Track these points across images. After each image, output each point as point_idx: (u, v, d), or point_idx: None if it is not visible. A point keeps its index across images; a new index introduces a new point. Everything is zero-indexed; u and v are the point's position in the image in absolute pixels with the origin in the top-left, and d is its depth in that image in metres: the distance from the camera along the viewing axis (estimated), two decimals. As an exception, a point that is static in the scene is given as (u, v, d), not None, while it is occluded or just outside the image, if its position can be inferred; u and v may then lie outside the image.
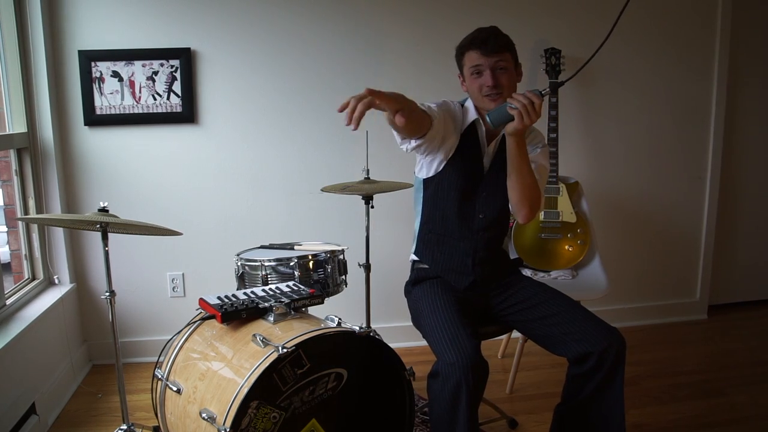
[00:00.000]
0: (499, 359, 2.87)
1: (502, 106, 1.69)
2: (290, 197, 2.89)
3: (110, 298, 1.86)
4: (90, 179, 2.74)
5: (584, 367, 1.74)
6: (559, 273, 2.72)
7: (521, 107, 1.63)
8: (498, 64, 1.81)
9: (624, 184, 3.19)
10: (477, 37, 1.83)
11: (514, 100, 1.64)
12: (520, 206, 1.83)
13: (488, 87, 1.81)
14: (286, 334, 1.61)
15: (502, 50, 1.82)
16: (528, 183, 1.79)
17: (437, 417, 1.64)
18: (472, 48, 1.82)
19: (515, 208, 1.86)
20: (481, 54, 1.81)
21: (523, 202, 1.82)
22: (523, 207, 1.83)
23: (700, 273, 3.38)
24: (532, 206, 1.83)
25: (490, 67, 1.81)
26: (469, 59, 1.84)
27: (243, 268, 2.15)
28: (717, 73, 3.17)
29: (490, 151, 1.92)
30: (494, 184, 1.92)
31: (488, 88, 1.81)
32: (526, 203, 1.82)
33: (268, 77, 2.79)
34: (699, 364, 2.83)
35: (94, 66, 2.65)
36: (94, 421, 2.35)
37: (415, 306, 1.95)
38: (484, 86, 1.82)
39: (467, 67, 1.86)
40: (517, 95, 1.65)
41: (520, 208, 1.84)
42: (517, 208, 1.85)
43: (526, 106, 1.63)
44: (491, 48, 1.80)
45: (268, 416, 1.51)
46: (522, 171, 1.77)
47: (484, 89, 1.82)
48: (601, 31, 3.18)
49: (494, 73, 1.81)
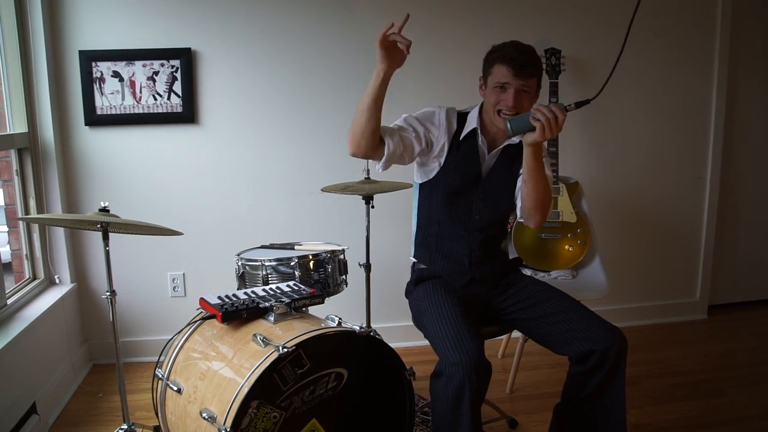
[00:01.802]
0: (499, 359, 2.88)
1: (525, 115, 1.68)
2: (291, 197, 2.89)
3: (111, 297, 1.86)
4: (91, 179, 2.75)
5: (586, 366, 1.74)
6: (559, 273, 2.73)
7: (545, 120, 1.63)
8: (523, 87, 1.79)
9: (624, 184, 3.19)
10: (515, 57, 1.77)
11: (539, 112, 1.64)
12: (533, 212, 1.83)
13: (507, 106, 1.79)
14: (286, 333, 1.61)
15: (533, 76, 1.81)
16: (542, 191, 1.79)
17: (440, 417, 1.64)
18: (506, 64, 1.78)
19: (528, 213, 1.86)
20: (513, 74, 1.77)
21: (537, 209, 1.82)
22: (536, 213, 1.83)
23: (700, 273, 3.38)
24: (544, 213, 1.84)
25: (516, 89, 1.78)
26: (499, 73, 1.80)
27: (243, 267, 2.15)
28: (717, 73, 3.17)
29: (489, 159, 1.93)
30: (492, 189, 1.93)
31: (507, 107, 1.79)
32: (540, 210, 1.83)
33: (269, 77, 2.80)
34: (699, 364, 2.83)
35: (95, 66, 2.65)
36: (95, 421, 2.35)
37: (416, 306, 1.95)
38: (502, 103, 1.80)
39: (493, 79, 1.82)
40: (542, 107, 1.64)
41: (533, 214, 1.84)
42: (530, 214, 1.85)
43: (550, 120, 1.63)
44: (525, 72, 1.78)
45: (268, 416, 1.51)
46: (538, 180, 1.77)
47: (501, 105, 1.80)
48: (601, 31, 3.18)
49: (517, 95, 1.79)
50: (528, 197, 1.81)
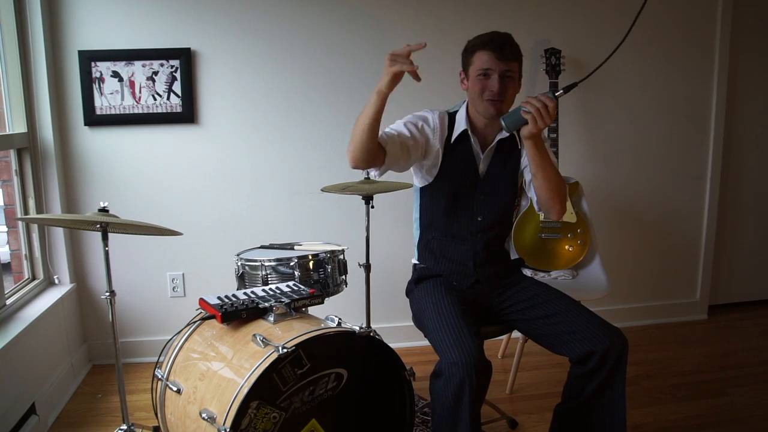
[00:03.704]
0: (499, 359, 2.87)
1: (516, 110, 1.70)
2: (290, 197, 2.89)
3: (110, 298, 1.85)
4: (90, 179, 2.74)
5: (586, 367, 1.74)
6: (560, 273, 2.72)
7: (535, 111, 1.65)
8: (507, 72, 1.80)
9: (624, 184, 3.19)
10: (493, 40, 1.80)
11: (528, 104, 1.66)
12: (551, 203, 1.83)
13: (493, 92, 1.80)
14: (286, 334, 1.61)
15: (514, 59, 1.82)
16: (554, 179, 1.80)
17: (440, 417, 1.64)
18: (487, 49, 1.80)
19: (547, 206, 1.85)
20: (495, 58, 1.79)
21: (554, 199, 1.82)
22: (555, 203, 1.83)
23: (700, 273, 3.38)
24: (562, 200, 1.84)
25: (500, 73, 1.80)
26: (480, 60, 1.82)
27: (243, 268, 2.15)
28: (717, 73, 3.17)
29: (485, 156, 1.93)
30: (492, 187, 1.93)
31: (493, 93, 1.80)
32: (557, 199, 1.82)
33: (268, 77, 2.79)
34: (699, 364, 2.82)
35: (94, 66, 2.65)
36: (94, 421, 2.35)
37: (417, 305, 1.95)
38: (488, 90, 1.81)
39: (475, 68, 1.83)
40: (530, 99, 1.66)
41: (552, 205, 1.84)
42: (549, 205, 1.84)
43: (540, 110, 1.65)
44: (506, 54, 1.79)
45: (268, 416, 1.51)
46: (546, 169, 1.78)
47: (488, 93, 1.81)
48: (601, 31, 3.18)
49: (501, 80, 1.80)
50: (542, 189, 1.82)
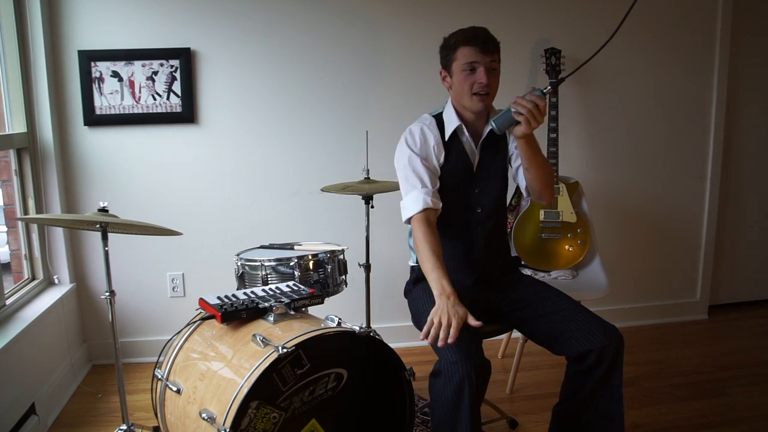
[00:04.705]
0: (499, 359, 2.87)
1: (506, 112, 1.71)
2: (290, 197, 2.88)
3: (110, 298, 1.86)
4: (90, 179, 2.74)
5: (583, 365, 1.74)
6: (559, 273, 2.72)
7: (527, 113, 1.66)
8: (491, 65, 1.82)
9: (624, 183, 3.19)
10: (477, 35, 1.82)
11: (519, 105, 1.67)
12: (544, 192, 1.91)
13: (482, 84, 1.81)
14: (286, 334, 1.60)
15: (496, 51, 1.85)
16: (546, 171, 1.88)
17: (439, 416, 1.64)
18: (470, 44, 1.81)
19: (539, 195, 1.92)
20: (479, 51, 1.80)
21: (546, 187, 1.90)
22: (546, 191, 1.91)
23: (701, 273, 3.38)
24: (552, 188, 1.94)
25: (485, 66, 1.81)
26: (464, 55, 1.82)
27: (243, 268, 2.15)
28: (717, 73, 3.17)
29: (476, 151, 1.95)
30: (486, 179, 1.96)
31: (482, 85, 1.81)
32: (548, 187, 1.91)
33: (268, 77, 2.79)
34: (699, 364, 2.82)
35: (94, 66, 2.65)
36: (94, 422, 2.35)
37: (416, 305, 1.95)
38: (476, 83, 1.82)
39: (460, 63, 1.84)
40: (520, 100, 1.67)
41: (545, 193, 1.91)
42: (541, 194, 1.92)
43: (532, 111, 1.65)
44: (490, 48, 1.81)
45: (267, 416, 1.50)
46: (539, 162, 1.84)
47: (476, 86, 1.82)
48: (601, 31, 3.17)
49: (488, 72, 1.81)
50: (534, 181, 1.87)
